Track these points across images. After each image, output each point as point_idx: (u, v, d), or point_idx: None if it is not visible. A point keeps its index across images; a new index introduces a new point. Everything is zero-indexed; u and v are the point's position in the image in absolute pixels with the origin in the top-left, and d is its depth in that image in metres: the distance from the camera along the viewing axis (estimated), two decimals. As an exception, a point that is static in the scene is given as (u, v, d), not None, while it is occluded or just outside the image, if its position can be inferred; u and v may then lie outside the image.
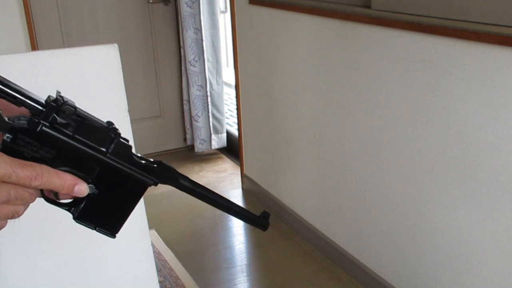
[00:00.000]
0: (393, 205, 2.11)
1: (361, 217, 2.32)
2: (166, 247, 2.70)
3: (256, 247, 2.80)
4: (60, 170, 0.55)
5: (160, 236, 2.78)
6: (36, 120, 0.53)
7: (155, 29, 3.70)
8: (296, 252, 2.67)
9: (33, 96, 0.54)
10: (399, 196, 2.06)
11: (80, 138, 0.56)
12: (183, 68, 3.74)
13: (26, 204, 0.54)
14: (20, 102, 0.53)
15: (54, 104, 0.54)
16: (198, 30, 3.54)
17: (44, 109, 0.54)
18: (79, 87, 1.25)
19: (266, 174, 3.10)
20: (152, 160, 0.62)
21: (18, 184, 0.52)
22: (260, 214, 0.73)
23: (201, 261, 2.65)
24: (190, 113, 3.77)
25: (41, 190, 0.55)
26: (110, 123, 0.58)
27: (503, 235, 1.68)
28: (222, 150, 3.94)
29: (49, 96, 0.55)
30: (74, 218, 0.60)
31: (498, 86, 1.59)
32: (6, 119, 0.53)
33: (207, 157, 3.85)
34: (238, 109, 3.24)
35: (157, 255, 2.60)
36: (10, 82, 0.53)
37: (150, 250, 1.45)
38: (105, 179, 0.58)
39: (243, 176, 3.36)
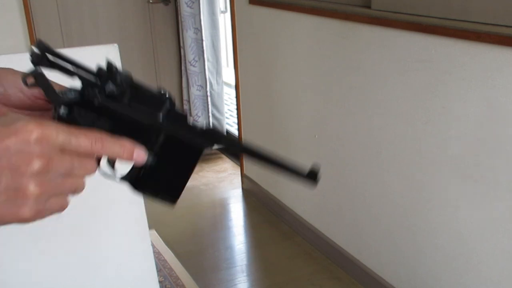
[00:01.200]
0: (393, 205, 2.11)
1: (361, 217, 2.31)
2: (166, 247, 2.70)
3: (256, 247, 2.79)
4: None
5: (160, 236, 2.78)
6: (92, 91, 0.52)
7: (155, 29, 3.70)
8: (296, 252, 2.67)
9: (84, 66, 0.53)
10: (399, 196, 2.06)
11: (136, 106, 0.54)
12: (183, 68, 3.74)
13: (87, 176, 0.51)
14: (75, 73, 0.52)
15: (108, 74, 0.53)
16: (198, 30, 3.54)
17: (98, 79, 0.52)
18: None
19: (266, 174, 3.09)
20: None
21: (79, 152, 0.49)
22: (307, 173, 0.69)
23: (201, 261, 2.65)
24: (190, 113, 3.78)
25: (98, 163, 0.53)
26: (163, 90, 0.57)
27: (503, 235, 1.68)
28: (222, 150, 3.94)
29: (99, 68, 0.53)
30: (134, 188, 0.58)
31: (498, 86, 1.59)
32: (59, 93, 0.52)
33: (207, 157, 3.85)
34: (238, 109, 3.24)
35: (157, 255, 2.60)
36: (61, 52, 0.52)
37: (150, 250, 1.45)
38: (163, 146, 0.56)
39: (243, 176, 3.36)
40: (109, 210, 1.34)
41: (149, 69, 3.75)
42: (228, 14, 3.69)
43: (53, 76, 0.54)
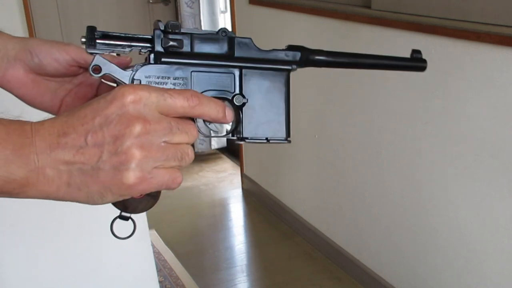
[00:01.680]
0: (393, 205, 2.11)
1: (361, 217, 2.31)
2: (166, 247, 2.70)
3: (256, 247, 2.79)
4: None
5: (160, 236, 2.78)
6: (153, 54, 0.52)
7: (155, 29, 3.70)
8: (296, 252, 2.67)
9: (136, 36, 0.53)
10: (399, 196, 2.06)
11: (202, 51, 0.53)
12: (183, 68, 3.74)
13: (191, 139, 0.49)
14: (128, 46, 0.52)
15: (160, 31, 0.52)
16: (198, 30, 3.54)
17: (153, 40, 0.52)
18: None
19: (266, 174, 3.09)
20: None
21: (176, 111, 0.48)
22: (411, 55, 0.66)
23: (201, 261, 2.65)
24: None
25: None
26: (221, 29, 0.55)
27: (503, 235, 1.68)
28: (222, 150, 3.94)
29: (152, 32, 0.53)
30: (243, 141, 0.55)
31: (498, 86, 1.59)
32: (127, 72, 0.51)
33: (207, 157, 3.85)
34: (238, 109, 3.24)
35: (157, 255, 2.60)
36: (110, 32, 0.52)
37: (150, 250, 1.45)
38: (246, 83, 0.54)
39: (243, 176, 3.36)
40: (109, 210, 1.33)
41: (149, 69, 3.75)
42: (228, 14, 3.68)
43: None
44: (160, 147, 0.47)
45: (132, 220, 0.51)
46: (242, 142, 0.56)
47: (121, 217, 0.51)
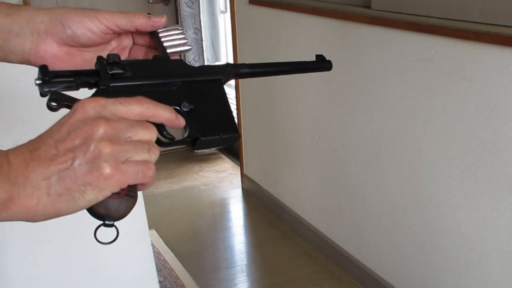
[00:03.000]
0: (393, 205, 2.11)
1: (361, 217, 2.31)
2: (166, 247, 2.70)
3: (256, 247, 2.80)
4: None
5: (160, 236, 2.78)
6: (102, 81, 0.56)
7: (155, 29, 3.70)
8: (296, 252, 2.67)
9: (82, 70, 0.57)
10: (399, 196, 2.06)
11: (144, 74, 0.58)
12: (183, 68, 3.74)
13: (153, 135, 0.52)
14: (77, 83, 0.56)
15: (103, 61, 0.56)
16: (198, 30, 3.54)
17: (99, 70, 0.56)
18: (79, 87, 1.25)
19: (266, 174, 3.10)
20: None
21: (134, 116, 0.51)
22: (316, 59, 0.75)
23: (201, 261, 2.65)
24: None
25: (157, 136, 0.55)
26: (155, 56, 0.61)
27: (503, 235, 1.68)
28: (222, 150, 3.94)
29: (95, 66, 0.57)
30: (199, 140, 0.60)
31: (498, 86, 1.59)
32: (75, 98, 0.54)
33: (207, 157, 3.85)
34: (238, 109, 3.24)
35: (157, 255, 2.60)
36: (59, 71, 0.56)
37: (150, 250, 1.45)
38: (189, 93, 0.60)
39: (243, 176, 3.36)
40: (109, 210, 1.33)
41: (149, 69, 3.75)
42: (228, 14, 3.68)
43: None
44: (127, 141, 0.50)
45: (115, 227, 0.54)
46: (199, 149, 0.62)
47: (105, 224, 0.54)
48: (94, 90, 0.58)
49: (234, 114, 4.07)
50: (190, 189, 3.39)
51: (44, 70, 0.55)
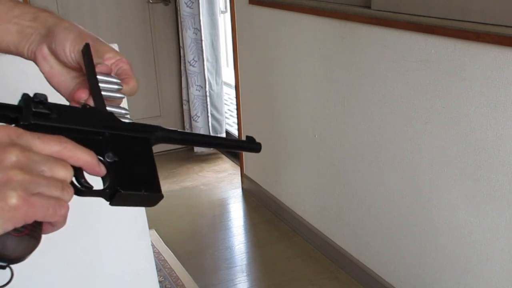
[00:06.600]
0: (393, 205, 2.11)
1: (361, 217, 2.32)
2: (166, 247, 2.70)
3: (256, 247, 2.80)
4: None
5: (160, 236, 2.78)
6: (24, 116, 0.52)
7: (155, 29, 3.70)
8: (296, 252, 2.67)
9: (3, 104, 0.53)
10: (399, 196, 2.06)
11: (70, 118, 0.54)
12: (182, 68, 3.74)
13: (68, 175, 0.48)
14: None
15: (28, 97, 0.52)
16: (198, 30, 3.54)
17: (22, 107, 0.52)
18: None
19: (266, 174, 3.10)
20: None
21: (51, 152, 0.48)
22: (246, 139, 0.73)
23: (201, 261, 2.65)
24: (189, 113, 3.78)
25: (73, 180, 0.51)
26: (84, 103, 0.59)
27: (503, 235, 1.68)
28: (222, 150, 3.94)
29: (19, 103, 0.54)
30: (119, 193, 0.56)
31: (498, 86, 1.59)
32: None
33: (207, 157, 3.85)
34: (238, 109, 3.24)
35: (157, 255, 2.60)
36: None
37: (150, 250, 1.45)
38: (115, 146, 0.57)
39: (243, 176, 3.36)
40: (108, 209, 1.33)
41: (149, 69, 3.75)
42: (228, 14, 3.68)
43: None
44: (40, 174, 0.46)
45: (10, 268, 0.49)
46: (116, 205, 0.57)
47: None
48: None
49: (234, 114, 4.07)
50: (190, 189, 3.39)
51: None
